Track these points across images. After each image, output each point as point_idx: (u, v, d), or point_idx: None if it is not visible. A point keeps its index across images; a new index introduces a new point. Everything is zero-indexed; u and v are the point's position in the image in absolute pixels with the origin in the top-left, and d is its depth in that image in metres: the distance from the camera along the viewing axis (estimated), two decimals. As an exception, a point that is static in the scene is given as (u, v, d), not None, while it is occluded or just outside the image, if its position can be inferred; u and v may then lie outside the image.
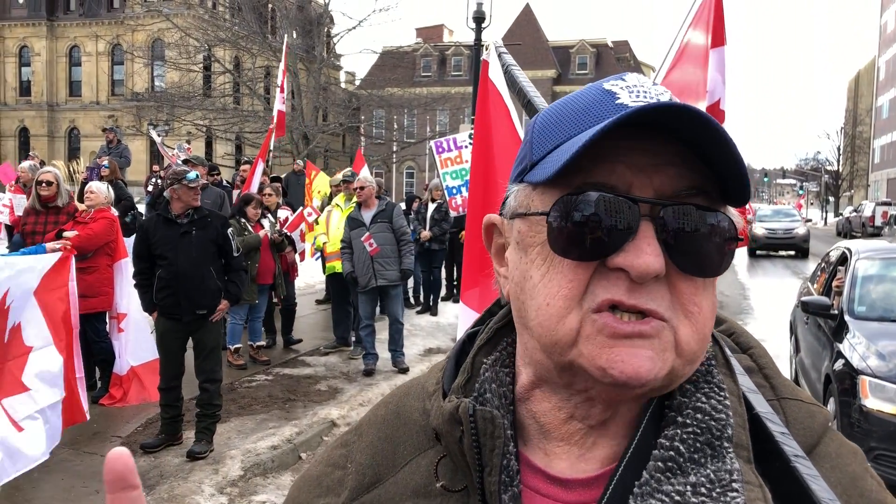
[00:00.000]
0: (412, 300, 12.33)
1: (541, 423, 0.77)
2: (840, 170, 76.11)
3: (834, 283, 6.79)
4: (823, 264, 8.17)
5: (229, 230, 5.72)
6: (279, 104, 11.50)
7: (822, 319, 6.40)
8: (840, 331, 5.91)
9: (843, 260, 7.04)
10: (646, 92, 0.71)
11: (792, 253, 25.86)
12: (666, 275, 0.68)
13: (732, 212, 0.73)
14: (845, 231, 38.84)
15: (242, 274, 5.93)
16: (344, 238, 8.18)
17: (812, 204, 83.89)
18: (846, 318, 5.98)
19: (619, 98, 0.71)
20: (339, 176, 10.05)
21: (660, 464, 0.69)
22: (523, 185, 0.76)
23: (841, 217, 44.80)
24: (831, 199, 75.84)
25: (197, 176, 5.57)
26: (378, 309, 8.47)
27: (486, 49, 2.86)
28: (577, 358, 0.69)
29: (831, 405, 5.56)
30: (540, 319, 0.72)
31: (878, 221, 32.37)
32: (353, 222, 8.02)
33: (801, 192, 78.41)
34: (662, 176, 0.69)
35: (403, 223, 8.15)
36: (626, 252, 0.67)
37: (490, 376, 0.79)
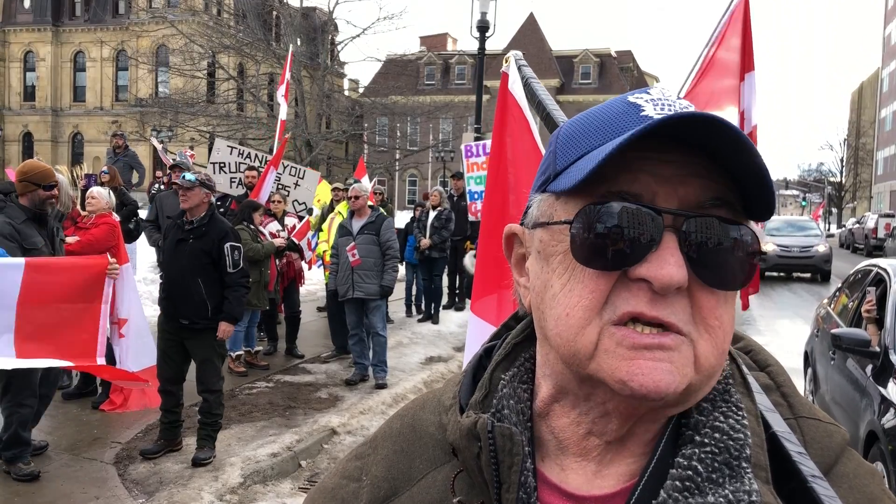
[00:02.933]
0: (413, 309, 12.32)
1: (559, 438, 0.77)
2: (843, 181, 76.13)
3: (863, 309, 5.63)
4: (845, 285, 7.15)
5: (228, 245, 5.52)
6: (284, 114, 11.48)
7: (858, 358, 5.30)
8: (885, 373, 4.77)
9: (878, 282, 5.95)
10: (670, 105, 0.72)
11: (808, 276, 21.26)
12: (687, 287, 0.68)
13: (754, 226, 0.73)
14: (848, 243, 38.72)
15: (240, 290, 5.63)
16: (334, 244, 8.16)
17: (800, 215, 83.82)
18: (893, 357, 4.81)
19: (643, 110, 0.71)
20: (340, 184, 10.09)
21: (677, 483, 0.68)
22: (546, 194, 0.77)
23: (844, 229, 44.73)
24: (834, 210, 75.79)
25: (192, 179, 5.57)
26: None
27: (507, 61, 2.84)
28: (596, 371, 0.69)
29: (879, 469, 4.31)
30: (559, 330, 0.72)
31: (882, 233, 32.25)
32: (342, 230, 8.01)
33: (804, 203, 78.39)
34: (687, 187, 0.69)
35: (391, 237, 7.95)
36: (650, 263, 0.67)
37: (508, 392, 0.79)
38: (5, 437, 5.10)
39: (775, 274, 21.11)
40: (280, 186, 10.08)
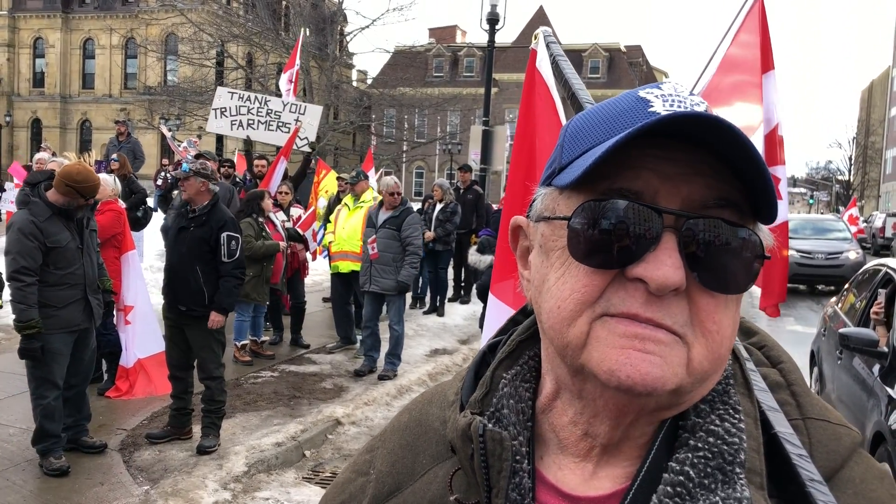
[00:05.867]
0: (418, 302, 12.32)
1: (559, 437, 0.76)
2: (851, 180, 75.80)
3: (872, 311, 5.55)
4: (853, 284, 7.02)
5: (225, 234, 5.54)
6: (287, 97, 11.56)
7: (865, 358, 5.23)
8: (893, 374, 4.76)
9: (886, 282, 5.81)
10: (681, 101, 0.70)
11: (834, 289, 14.32)
12: (686, 289, 0.67)
13: (763, 229, 0.71)
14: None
15: (232, 281, 5.61)
16: (365, 234, 8.16)
17: (822, 214, 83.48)
18: None
19: (652, 106, 0.69)
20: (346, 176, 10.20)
21: (669, 489, 0.67)
22: (550, 188, 0.76)
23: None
24: (841, 209, 75.50)
25: (186, 169, 5.58)
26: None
27: (535, 38, 2.75)
28: (587, 360, 0.68)
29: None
30: (552, 322, 0.71)
31: (889, 233, 32.06)
32: (369, 220, 8.00)
33: (811, 201, 78.10)
34: (691, 185, 0.68)
35: (412, 233, 7.86)
36: (647, 263, 0.66)
37: (509, 391, 0.78)
38: (34, 430, 5.10)
39: (795, 286, 16.51)
40: (280, 125, 10.38)
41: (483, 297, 6.84)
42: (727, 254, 0.67)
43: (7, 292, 5.13)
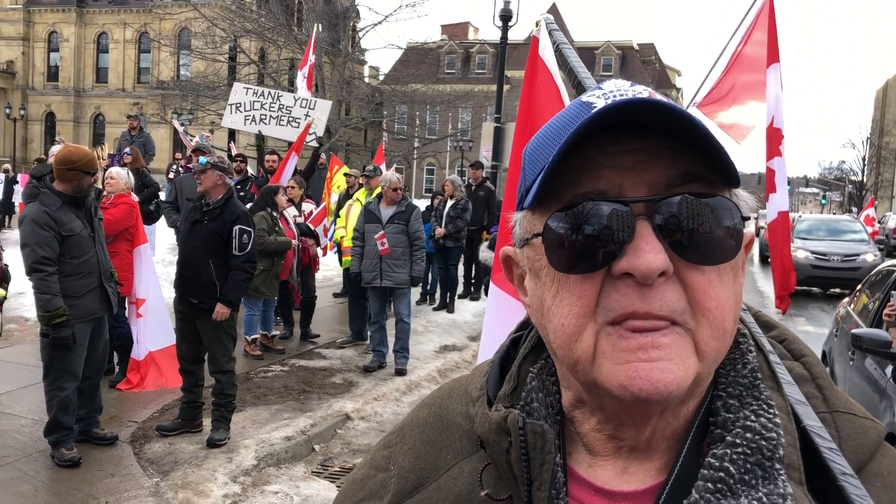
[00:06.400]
0: (427, 298, 12.32)
1: (585, 441, 0.76)
2: (864, 180, 75.17)
3: (885, 312, 5.53)
4: (866, 285, 6.95)
5: (237, 227, 5.57)
6: (304, 94, 11.61)
7: (878, 359, 5.21)
8: None
9: None
10: (622, 94, 0.70)
11: (848, 292, 13.39)
12: (676, 272, 0.67)
13: (741, 194, 0.72)
14: (868, 242, 38.18)
15: (241, 274, 5.63)
16: (357, 227, 8.10)
17: (834, 214, 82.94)
18: None
19: (594, 107, 0.69)
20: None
21: (709, 484, 0.67)
22: (524, 211, 0.76)
23: (864, 228, 44.09)
24: (854, 209, 74.97)
25: (203, 162, 5.60)
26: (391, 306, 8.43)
27: (537, 25, 2.68)
28: (598, 377, 0.68)
29: None
30: (559, 342, 0.71)
31: (903, 234, 31.84)
32: (370, 215, 7.95)
33: (823, 201, 77.56)
34: (652, 171, 0.68)
35: (419, 227, 7.97)
36: (627, 255, 0.66)
37: (536, 385, 0.78)
38: (47, 421, 5.13)
39: (808, 289, 16.11)
40: (291, 120, 10.48)
41: (493, 295, 6.82)
42: (703, 225, 0.67)
43: (12, 284, 5.15)
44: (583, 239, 0.67)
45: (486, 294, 8.76)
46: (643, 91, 0.69)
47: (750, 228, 0.72)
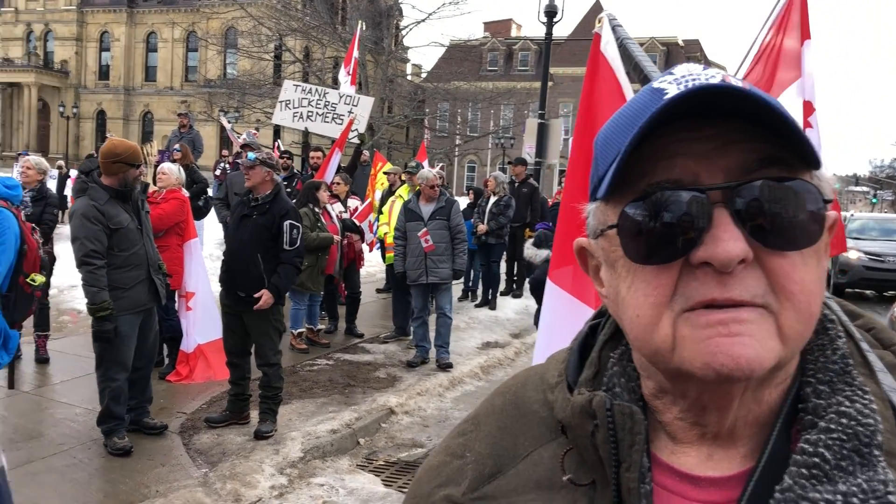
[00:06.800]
0: (470, 294, 12.31)
1: (667, 430, 0.75)
2: (919, 179, 73.03)
3: None
4: None
5: (287, 222, 5.63)
6: (347, 90, 11.71)
7: None
8: None
9: None
10: (695, 78, 0.68)
11: None
12: (757, 258, 0.65)
13: (822, 175, 0.70)
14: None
15: (290, 269, 5.70)
16: (398, 227, 8.15)
17: (885, 213, 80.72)
18: None
19: (667, 93, 0.67)
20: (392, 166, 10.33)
21: (804, 470, 0.65)
22: (597, 203, 0.75)
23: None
24: (908, 208, 72.85)
25: (252, 158, 5.66)
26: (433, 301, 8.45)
27: (599, 22, 2.69)
28: (680, 362, 0.67)
29: None
30: (636, 332, 0.71)
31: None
32: (411, 214, 7.99)
33: (874, 200, 75.55)
34: (728, 156, 0.67)
35: (460, 221, 8.05)
36: (705, 244, 0.65)
37: (618, 370, 0.78)
38: (99, 411, 5.26)
39: (861, 292, 15.61)
40: (335, 116, 10.65)
41: (536, 293, 6.77)
42: (786, 209, 0.66)
43: (66, 277, 5.26)
44: (660, 228, 0.66)
45: (531, 293, 8.74)
46: (716, 74, 0.68)
47: (832, 212, 0.70)
